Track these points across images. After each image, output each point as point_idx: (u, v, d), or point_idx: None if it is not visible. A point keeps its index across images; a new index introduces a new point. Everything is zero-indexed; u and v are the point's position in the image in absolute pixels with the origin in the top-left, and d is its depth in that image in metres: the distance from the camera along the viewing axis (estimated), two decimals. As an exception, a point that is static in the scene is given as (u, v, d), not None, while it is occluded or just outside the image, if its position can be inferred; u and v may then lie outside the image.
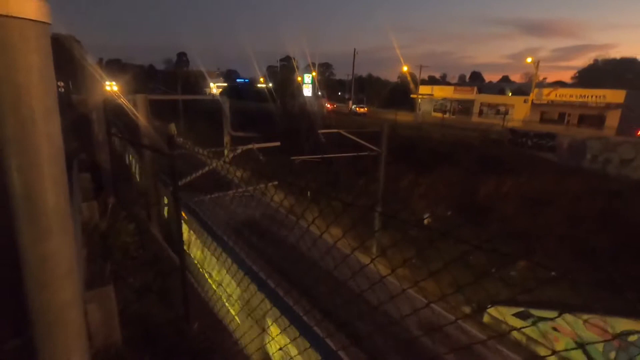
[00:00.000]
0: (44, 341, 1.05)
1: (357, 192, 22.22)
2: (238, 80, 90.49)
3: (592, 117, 33.90)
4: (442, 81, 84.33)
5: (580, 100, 34.47)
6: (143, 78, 72.54)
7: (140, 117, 8.13)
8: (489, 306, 11.52)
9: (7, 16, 0.82)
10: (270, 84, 65.63)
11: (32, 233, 0.95)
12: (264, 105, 48.72)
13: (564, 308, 11.80)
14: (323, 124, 30.82)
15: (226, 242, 5.61)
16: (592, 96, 33.88)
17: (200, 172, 7.03)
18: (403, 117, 42.93)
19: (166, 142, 2.87)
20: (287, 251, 6.80)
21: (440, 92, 48.21)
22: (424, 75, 56.62)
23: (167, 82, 67.80)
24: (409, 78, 52.67)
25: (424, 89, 48.51)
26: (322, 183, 23.42)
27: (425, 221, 18.94)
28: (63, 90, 30.03)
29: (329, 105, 51.82)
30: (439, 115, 43.09)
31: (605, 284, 12.27)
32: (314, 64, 61.61)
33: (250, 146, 10.83)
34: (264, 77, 77.69)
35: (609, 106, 32.59)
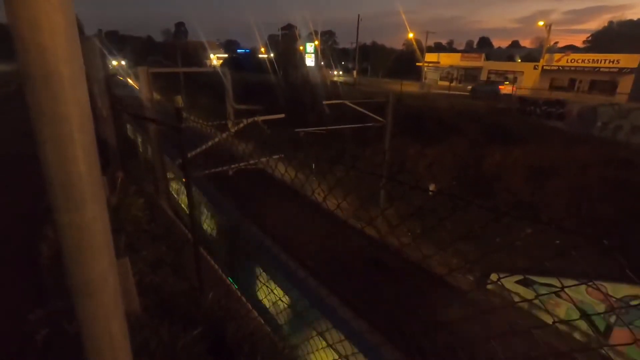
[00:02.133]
0: (85, 309, 1.09)
1: (364, 164, 22.16)
2: (239, 50, 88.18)
3: (604, 83, 32.90)
4: (448, 48, 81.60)
5: (592, 65, 33.34)
6: (142, 50, 70.99)
7: (144, 90, 8.01)
8: (491, 275, 11.74)
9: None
10: (272, 54, 64.04)
11: (68, 203, 0.97)
12: (266, 76, 47.77)
13: (565, 275, 12.03)
14: (326, 94, 30.28)
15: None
16: (605, 61, 32.71)
17: (205, 146, 7.00)
18: (408, 87, 41.99)
19: (174, 114, 2.83)
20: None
21: (447, 59, 46.82)
22: (430, 42, 54.74)
23: (167, 54, 66.30)
24: (414, 45, 51.00)
25: (430, 57, 47.07)
26: (328, 155, 23.33)
27: (430, 189, 19.00)
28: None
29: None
30: (446, 84, 42.07)
31: (606, 250, 12.42)
32: (316, 32, 59.71)
33: (254, 119, 10.71)
34: (265, 47, 75.67)
35: (622, 71, 31.52)
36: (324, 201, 2.31)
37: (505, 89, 31.86)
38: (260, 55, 70.79)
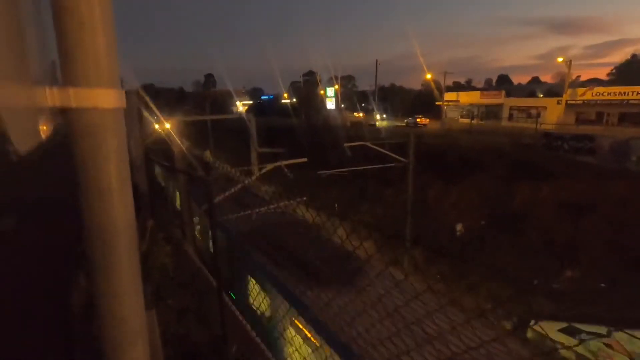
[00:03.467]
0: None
1: (386, 204, 21.92)
2: (263, 97, 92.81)
3: (634, 115, 31.91)
4: (467, 87, 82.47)
5: (620, 97, 32.61)
6: (174, 101, 76.05)
7: (174, 140, 8.46)
8: (532, 322, 10.86)
9: (93, 109, 0.91)
10: (294, 99, 66.82)
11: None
12: (288, 120, 49.58)
13: (616, 323, 10.93)
14: (347, 135, 30.86)
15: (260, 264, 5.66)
16: (633, 93, 31.97)
17: (229, 192, 7.21)
18: (429, 125, 42.26)
19: (203, 167, 2.98)
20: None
21: (467, 97, 47.21)
22: (449, 82, 55.70)
23: (197, 103, 70.64)
24: (432, 85, 51.99)
25: (449, 96, 47.68)
26: (350, 196, 23.31)
27: (458, 231, 18.33)
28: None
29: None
30: (467, 121, 42.07)
31: (662, 296, 11.28)
32: (336, 77, 62.27)
33: (277, 164, 11.00)
34: (288, 92, 79.29)
35: (651, 103, 30.64)
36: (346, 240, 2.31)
37: (422, 120, 42.31)
38: (283, 101, 74.14)
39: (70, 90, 0.90)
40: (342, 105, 58.25)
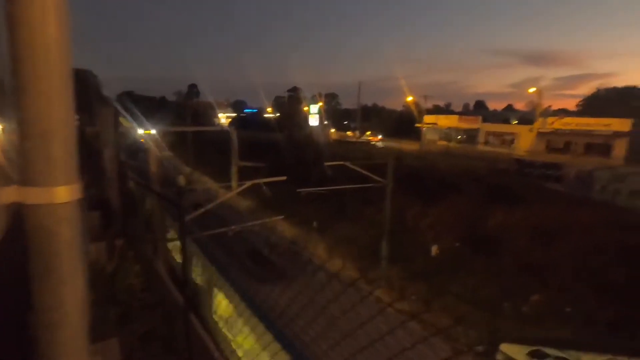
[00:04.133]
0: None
1: (364, 223, 22.06)
2: (246, 110, 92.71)
3: (599, 146, 33.78)
4: (446, 110, 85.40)
5: (586, 128, 34.55)
6: (154, 110, 74.83)
7: (151, 150, 8.33)
8: (500, 345, 11.07)
9: (49, 204, 0.94)
10: (278, 114, 67.14)
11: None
12: (271, 135, 49.61)
13: (582, 347, 11.27)
14: (330, 153, 31.15)
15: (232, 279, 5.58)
16: (597, 124, 33.96)
17: (205, 209, 7.11)
18: (409, 145, 43.34)
19: (176, 192, 2.95)
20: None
21: (445, 121, 48.76)
22: (429, 105, 57.67)
23: (178, 113, 69.77)
24: (413, 108, 53.56)
25: (428, 118, 49.15)
26: (329, 213, 23.35)
27: (433, 252, 18.62)
28: (77, 122, 31.22)
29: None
30: (445, 143, 43.39)
31: (622, 321, 11.75)
32: (320, 94, 63.15)
33: (256, 181, 10.98)
34: (272, 107, 79.65)
35: (615, 134, 32.57)
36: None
37: (373, 138, 48.18)
38: (266, 115, 74.29)
39: (26, 189, 0.95)
40: (326, 122, 58.93)
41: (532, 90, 38.33)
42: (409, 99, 54.36)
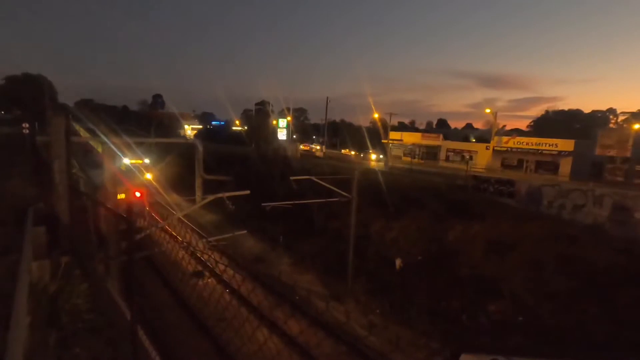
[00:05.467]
0: None
1: (330, 237, 22.16)
2: (214, 122, 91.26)
3: (548, 164, 36.49)
4: (411, 127, 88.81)
5: (536, 147, 37.25)
6: (117, 119, 71.73)
7: (107, 165, 8.02)
8: (461, 355, 11.40)
9: None
10: (246, 127, 66.59)
11: None
12: (238, 148, 49.05)
13: (534, 355, 11.86)
14: (297, 167, 31.26)
15: None
16: (545, 144, 36.74)
17: (166, 221, 6.86)
18: (355, 157, 44.55)
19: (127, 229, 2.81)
20: None
21: (410, 137, 50.63)
22: (394, 122, 59.69)
23: (142, 123, 67.28)
24: (379, 124, 55.20)
25: (394, 135, 50.83)
26: (295, 228, 23.28)
27: (397, 266, 19.01)
28: (27, 131, 29.14)
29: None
30: (408, 159, 44.96)
31: (568, 328, 12.50)
32: (288, 109, 63.50)
33: (219, 195, 10.82)
34: (240, 120, 78.97)
35: (561, 154, 35.36)
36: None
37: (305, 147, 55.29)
38: (234, 128, 73.45)
39: None
40: (294, 136, 59.19)
41: (488, 110, 40.90)
42: (375, 116, 56.05)
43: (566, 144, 35.44)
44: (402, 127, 75.68)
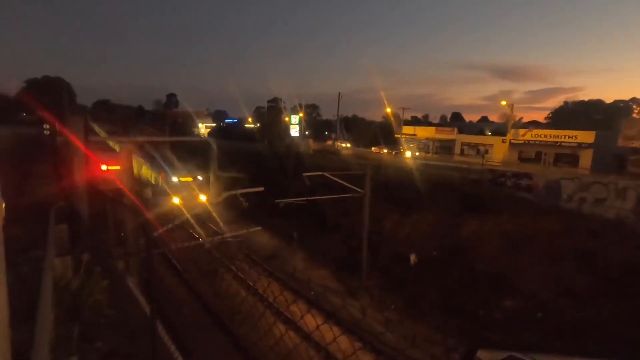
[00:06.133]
0: None
1: (343, 233, 22.16)
2: (227, 120, 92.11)
3: (567, 156, 35.42)
4: (424, 121, 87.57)
5: (554, 140, 36.22)
6: (132, 119, 73.25)
7: (124, 164, 8.20)
8: (477, 351, 11.27)
9: None
10: (259, 125, 67.00)
11: None
12: (252, 145, 49.43)
13: (552, 351, 11.64)
14: (310, 164, 31.29)
15: None
16: (564, 136, 35.67)
17: (172, 225, 6.94)
18: (387, 156, 44.13)
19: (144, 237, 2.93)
20: None
21: (423, 132, 49.96)
22: (407, 116, 59.00)
23: (157, 122, 68.55)
24: (392, 119, 54.67)
25: (407, 129, 50.26)
26: (309, 224, 23.36)
27: (412, 261, 18.89)
28: (48, 132, 30.07)
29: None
30: (423, 154, 44.40)
31: (585, 325, 12.20)
32: (300, 105, 63.52)
33: (234, 192, 10.95)
34: (253, 117, 79.48)
35: (581, 145, 34.27)
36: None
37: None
38: (247, 125, 74.00)
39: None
40: (307, 133, 59.23)
41: (503, 103, 39.94)
42: (388, 110, 55.50)
43: (586, 136, 34.32)
44: (415, 122, 74.75)
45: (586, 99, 74.33)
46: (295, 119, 55.61)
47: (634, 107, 64.60)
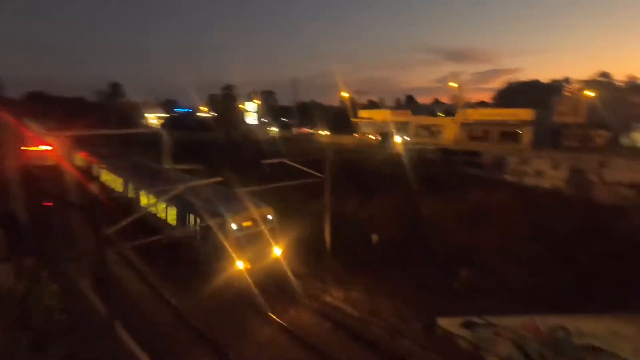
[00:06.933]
0: None
1: (307, 218, 22.28)
2: (179, 110, 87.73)
3: (511, 134, 38.11)
4: (380, 105, 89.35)
5: (499, 118, 38.71)
6: (72, 111, 67.33)
7: (63, 162, 7.58)
8: (437, 320, 12.03)
9: None
10: (213, 113, 64.61)
11: None
12: (207, 134, 47.68)
13: (506, 314, 12.70)
14: (271, 151, 30.84)
15: None
16: (507, 115, 38.27)
17: (126, 220, 6.51)
18: (346, 140, 44.71)
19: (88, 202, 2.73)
20: None
21: (380, 115, 51.09)
22: (364, 100, 59.92)
23: (101, 114, 63.60)
24: (348, 103, 55.20)
25: (364, 113, 51.12)
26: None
27: (373, 241, 19.48)
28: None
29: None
30: (380, 137, 45.59)
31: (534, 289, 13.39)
32: (256, 92, 62.08)
33: (190, 184, 10.52)
34: (206, 105, 76.37)
35: (522, 123, 36.97)
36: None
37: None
38: (202, 114, 71.03)
39: None
40: (265, 120, 58.22)
41: (452, 84, 41.78)
42: (344, 94, 55.84)
43: (526, 114, 37.05)
44: (371, 105, 76.06)
45: (526, 79, 79.50)
46: (251, 106, 54.34)
47: (566, 86, 70.45)
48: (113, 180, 19.91)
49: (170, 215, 15.40)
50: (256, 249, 13.13)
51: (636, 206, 16.16)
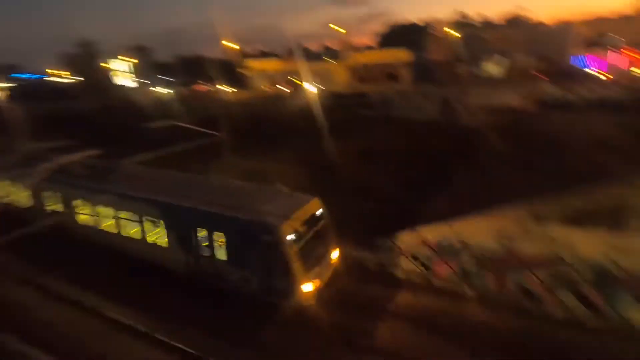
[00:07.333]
0: None
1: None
2: (26, 76, 71.05)
3: (394, 75, 41.26)
4: (271, 54, 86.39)
5: (383, 60, 41.31)
6: None
7: None
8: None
9: None
10: (74, 78, 54.21)
11: None
12: (72, 103, 40.19)
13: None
14: (153, 113, 27.68)
15: None
16: (389, 56, 41.04)
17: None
18: (237, 94, 42.74)
19: None
20: None
21: (271, 65, 49.61)
22: (254, 51, 56.91)
23: None
24: (235, 54, 51.95)
25: (255, 64, 48.93)
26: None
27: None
28: None
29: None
30: (274, 88, 44.71)
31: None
32: (126, 48, 53.55)
33: (57, 163, 8.93)
34: (66, 69, 63.45)
35: (403, 64, 40.21)
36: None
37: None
38: (59, 79, 58.93)
39: None
40: (144, 81, 51.35)
41: (339, 29, 42.37)
42: (229, 44, 52.04)
43: (405, 55, 40.27)
44: (262, 55, 72.96)
45: (406, 22, 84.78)
46: (121, 65, 47.00)
47: (434, 27, 77.88)
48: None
49: (152, 232, 11.01)
50: (318, 259, 9.71)
51: (487, 125, 19.67)
